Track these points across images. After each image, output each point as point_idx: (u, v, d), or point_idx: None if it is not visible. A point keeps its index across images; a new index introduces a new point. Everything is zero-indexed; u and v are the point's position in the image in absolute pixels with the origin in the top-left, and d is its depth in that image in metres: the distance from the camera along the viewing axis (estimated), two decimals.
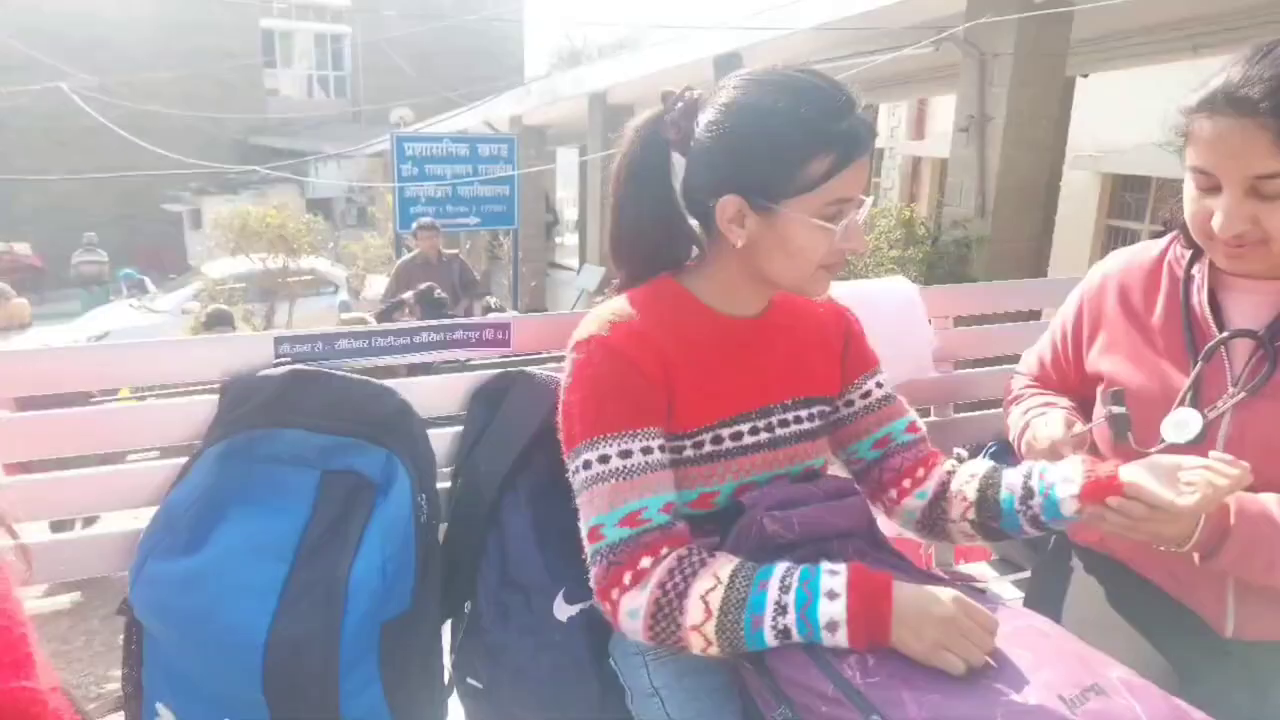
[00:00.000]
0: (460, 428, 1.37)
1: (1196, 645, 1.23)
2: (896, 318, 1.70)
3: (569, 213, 20.37)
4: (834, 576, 1.01)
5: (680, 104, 1.13)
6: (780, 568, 1.03)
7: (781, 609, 1.00)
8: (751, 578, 1.03)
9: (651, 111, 1.16)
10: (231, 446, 1.20)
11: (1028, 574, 1.74)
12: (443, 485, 1.37)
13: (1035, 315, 2.17)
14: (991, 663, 0.96)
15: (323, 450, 1.21)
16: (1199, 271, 1.28)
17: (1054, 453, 1.28)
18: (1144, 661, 1.21)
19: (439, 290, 6.17)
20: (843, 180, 1.05)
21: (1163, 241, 1.36)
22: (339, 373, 1.26)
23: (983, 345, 1.88)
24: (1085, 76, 9.74)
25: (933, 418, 1.86)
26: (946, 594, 0.99)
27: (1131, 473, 1.10)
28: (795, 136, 1.04)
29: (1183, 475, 1.07)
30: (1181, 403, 1.22)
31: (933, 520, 1.27)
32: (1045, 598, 1.41)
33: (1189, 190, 1.21)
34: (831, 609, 0.98)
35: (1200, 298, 1.26)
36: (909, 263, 6.57)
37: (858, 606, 0.98)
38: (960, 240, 6.51)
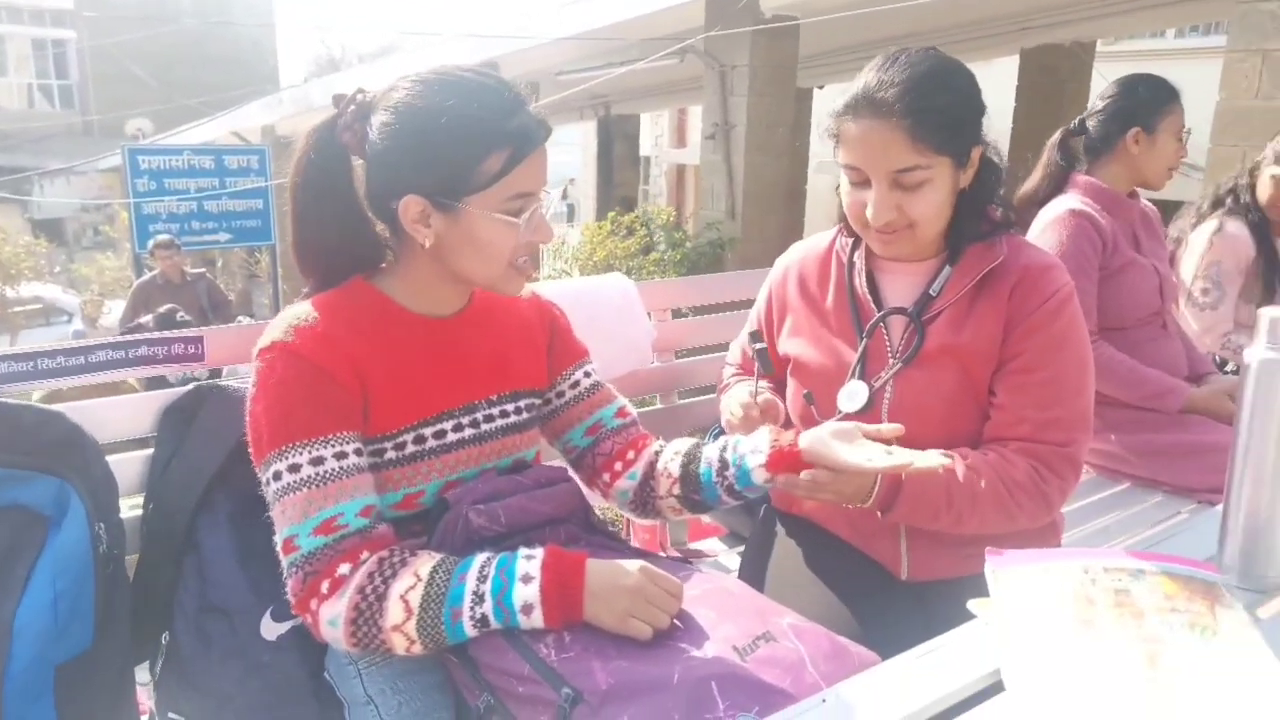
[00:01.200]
0: (151, 450, 1.29)
1: (878, 588, 1.36)
2: (615, 312, 1.76)
3: None
4: (530, 561, 1.03)
5: (352, 107, 1.11)
6: (480, 558, 1.05)
7: (479, 598, 1.01)
8: (451, 571, 1.03)
9: (325, 116, 1.14)
10: None
11: None
12: (135, 513, 1.28)
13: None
14: (678, 624, 1.02)
15: None
16: (859, 258, 1.42)
17: (747, 420, 1.37)
18: (834, 607, 1.33)
19: (182, 313, 5.74)
20: (520, 175, 1.08)
21: (831, 233, 1.51)
22: None
23: (700, 334, 1.99)
24: (821, 88, 10.54)
25: (658, 405, 1.94)
26: (634, 565, 1.04)
27: (809, 440, 1.20)
28: (468, 135, 1.05)
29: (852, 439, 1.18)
30: (852, 375, 1.36)
31: (644, 499, 1.33)
32: (756, 562, 1.52)
33: (844, 185, 1.34)
34: (526, 592, 1.01)
35: (861, 281, 1.41)
36: (669, 264, 6.84)
37: (551, 587, 1.01)
38: (715, 241, 6.86)
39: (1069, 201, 2.04)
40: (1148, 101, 2.08)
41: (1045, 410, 1.28)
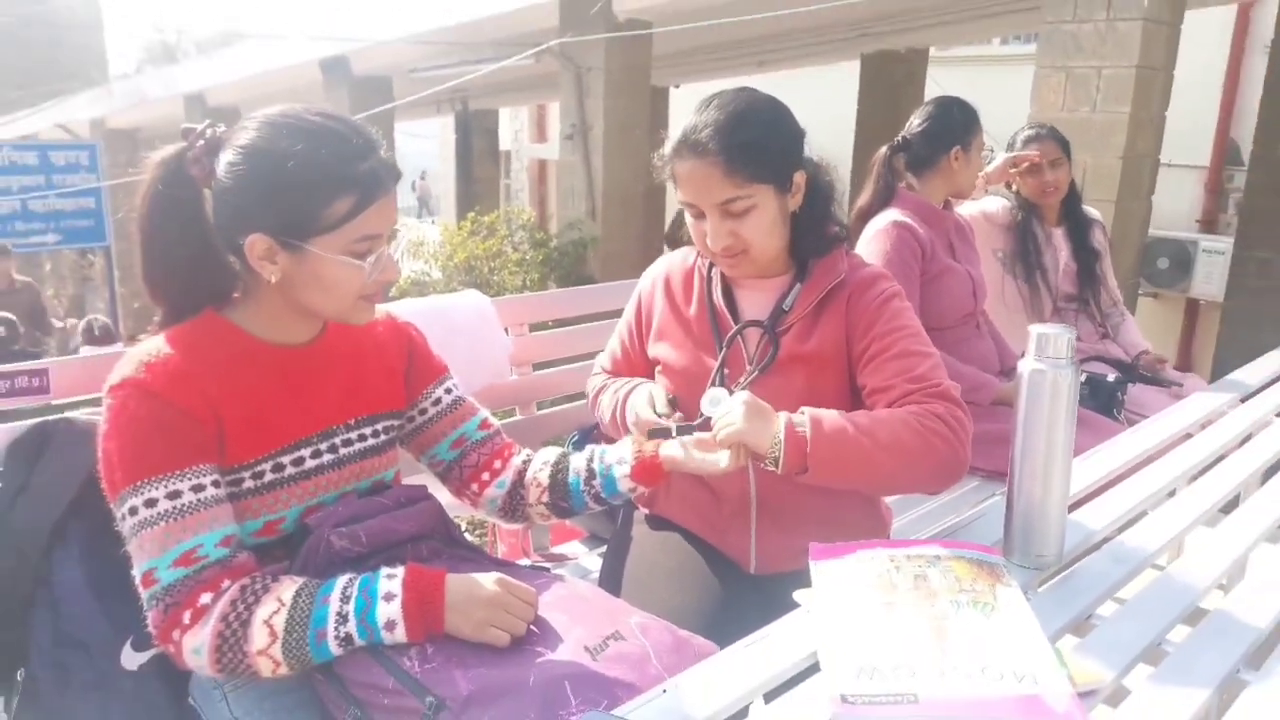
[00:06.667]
0: None
1: (728, 582, 1.47)
2: (471, 329, 1.82)
3: None
4: (391, 579, 1.09)
5: (201, 141, 1.13)
6: (342, 580, 1.10)
7: (343, 618, 1.06)
8: (314, 594, 1.08)
9: (174, 147, 1.15)
10: None
11: None
12: None
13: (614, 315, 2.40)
14: (534, 630, 1.10)
15: None
16: (717, 275, 1.55)
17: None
18: (686, 603, 1.43)
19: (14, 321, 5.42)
20: (366, 219, 1.12)
21: (694, 251, 1.62)
22: None
23: (556, 347, 2.07)
24: (677, 87, 10.76)
25: (518, 417, 2.01)
26: (490, 577, 1.12)
27: (671, 449, 1.34)
28: (315, 179, 1.09)
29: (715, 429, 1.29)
30: (713, 383, 1.47)
31: (513, 507, 1.41)
32: (615, 563, 1.61)
33: (688, 218, 1.46)
34: (389, 610, 1.07)
35: (718, 295, 1.53)
36: (532, 264, 6.87)
37: (412, 603, 1.07)
38: (576, 241, 6.93)
39: (892, 215, 2.23)
40: (963, 123, 2.31)
41: (909, 372, 1.37)
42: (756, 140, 1.36)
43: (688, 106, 1.44)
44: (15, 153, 9.33)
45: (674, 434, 1.33)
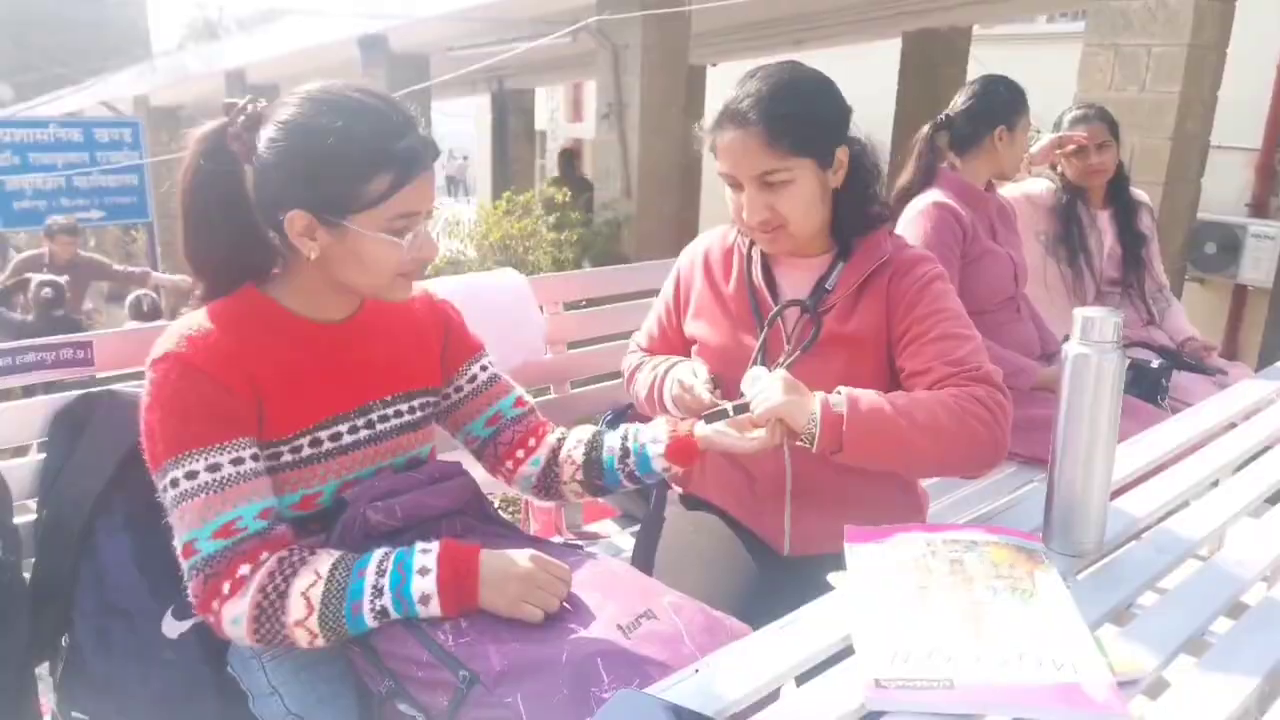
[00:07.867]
0: (44, 455, 1.29)
1: (761, 564, 1.47)
2: (507, 307, 1.82)
3: None
4: (426, 554, 1.10)
5: (242, 117, 1.14)
6: (378, 553, 1.11)
7: (378, 592, 1.07)
8: (350, 567, 1.09)
9: (215, 122, 1.16)
10: None
11: None
12: (29, 519, 1.29)
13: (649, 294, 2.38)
14: (567, 607, 1.11)
15: None
16: (756, 252, 1.53)
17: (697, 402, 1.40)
18: (719, 584, 1.42)
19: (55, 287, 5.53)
20: (405, 196, 1.11)
21: (733, 228, 1.61)
22: None
23: (590, 327, 2.07)
24: (715, 66, 10.65)
25: (551, 395, 2.01)
26: (525, 554, 1.12)
27: (703, 430, 1.32)
28: (354, 156, 1.08)
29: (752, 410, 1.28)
30: (754, 362, 1.46)
31: (547, 484, 1.41)
32: (648, 543, 1.61)
33: (727, 191, 1.44)
34: (423, 584, 1.08)
35: (757, 273, 1.51)
36: (566, 244, 6.86)
37: (447, 577, 1.08)
38: (610, 221, 6.91)
39: (933, 195, 2.20)
40: (1009, 102, 2.26)
41: (948, 355, 1.35)
42: (798, 113, 1.34)
43: (725, 85, 1.42)
44: (60, 129, 9.47)
45: (730, 413, 1.31)
